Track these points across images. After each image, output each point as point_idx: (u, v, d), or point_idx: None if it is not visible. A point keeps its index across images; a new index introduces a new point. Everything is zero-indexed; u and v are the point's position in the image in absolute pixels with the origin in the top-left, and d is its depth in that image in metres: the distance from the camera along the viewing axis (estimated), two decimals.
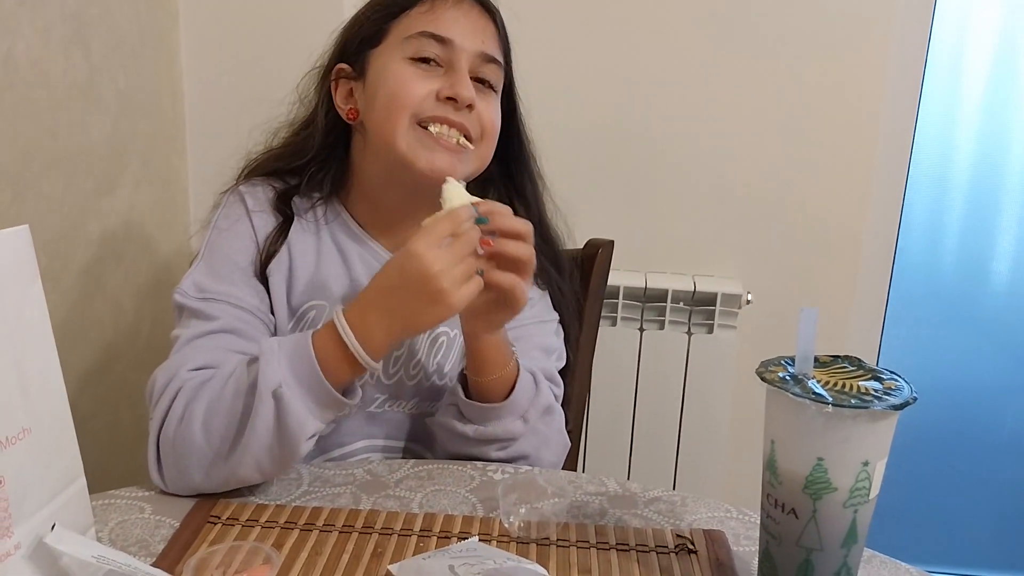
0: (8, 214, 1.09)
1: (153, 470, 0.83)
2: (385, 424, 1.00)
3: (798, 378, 0.69)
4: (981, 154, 1.95)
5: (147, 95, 1.42)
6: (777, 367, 0.71)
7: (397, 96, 0.92)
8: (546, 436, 0.96)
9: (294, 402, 0.79)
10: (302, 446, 0.80)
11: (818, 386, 0.68)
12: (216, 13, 1.50)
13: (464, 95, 0.92)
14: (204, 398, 0.82)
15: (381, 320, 0.81)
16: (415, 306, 0.80)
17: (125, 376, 1.39)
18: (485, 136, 0.96)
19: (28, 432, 0.61)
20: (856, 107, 1.60)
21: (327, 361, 0.80)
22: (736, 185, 1.65)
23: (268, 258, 0.96)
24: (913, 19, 1.58)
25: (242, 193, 0.98)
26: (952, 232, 2.03)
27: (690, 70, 1.61)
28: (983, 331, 2.08)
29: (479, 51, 0.94)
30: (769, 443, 0.69)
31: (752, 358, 1.65)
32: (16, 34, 1.09)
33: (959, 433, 2.08)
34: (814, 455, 0.66)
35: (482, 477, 0.89)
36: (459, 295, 0.80)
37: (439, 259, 0.79)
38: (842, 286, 1.69)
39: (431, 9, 0.95)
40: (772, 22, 1.58)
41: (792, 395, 0.65)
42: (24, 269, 0.61)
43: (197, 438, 0.80)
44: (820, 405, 0.65)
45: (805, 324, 0.70)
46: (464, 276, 0.80)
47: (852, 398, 0.66)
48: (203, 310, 0.90)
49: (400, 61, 0.94)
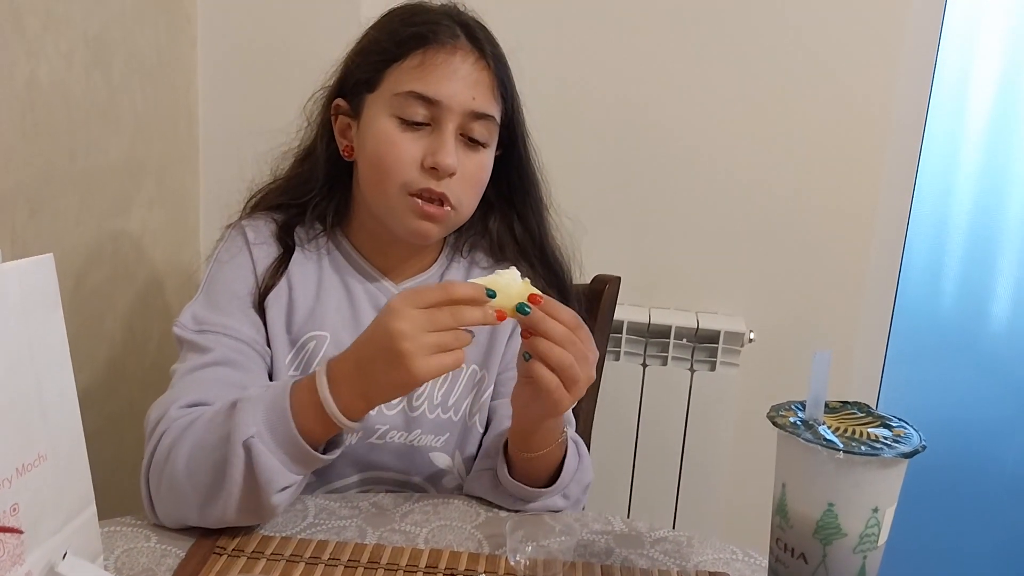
0: (25, 232, 1.10)
1: (146, 505, 0.83)
2: (388, 455, 0.99)
3: (809, 423, 0.69)
4: (980, 196, 1.97)
5: (163, 117, 1.44)
6: (788, 412, 0.71)
7: (384, 160, 0.93)
8: (578, 501, 0.95)
9: (264, 454, 0.77)
10: (272, 498, 0.78)
11: (829, 432, 0.68)
12: (233, 39, 1.52)
13: (444, 165, 0.91)
14: (188, 441, 0.81)
15: (353, 378, 0.77)
16: (378, 366, 0.75)
17: (131, 395, 1.39)
18: (467, 195, 0.96)
19: (44, 459, 0.61)
20: (859, 148, 1.62)
21: (303, 415, 0.78)
22: (741, 223, 1.66)
23: (266, 290, 0.96)
24: (915, 65, 1.60)
25: (243, 227, 0.99)
26: (952, 272, 2.05)
27: (699, 109, 1.63)
28: (983, 371, 2.08)
29: (468, 110, 0.93)
30: (780, 486, 0.70)
31: (754, 396, 1.67)
32: (40, 57, 1.11)
33: (959, 472, 2.08)
34: (825, 500, 0.66)
35: (488, 513, 0.89)
36: (422, 364, 0.73)
37: (409, 319, 0.73)
38: (844, 326, 1.69)
39: (422, 63, 0.92)
40: (778, 72, 1.60)
41: (804, 440, 0.66)
42: (47, 296, 0.62)
43: (182, 482, 0.80)
44: (831, 451, 0.65)
45: (818, 367, 0.70)
46: (435, 346, 0.74)
47: (862, 445, 0.66)
48: (199, 342, 0.91)
49: (388, 119, 0.93)
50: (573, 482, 0.92)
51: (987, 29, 1.85)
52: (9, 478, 0.57)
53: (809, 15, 1.58)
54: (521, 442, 0.88)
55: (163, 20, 1.41)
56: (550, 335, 0.77)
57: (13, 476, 0.58)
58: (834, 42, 1.58)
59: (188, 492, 0.79)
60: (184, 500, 0.80)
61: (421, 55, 0.93)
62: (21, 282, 0.59)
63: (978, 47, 1.85)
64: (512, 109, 0.99)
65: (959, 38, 1.78)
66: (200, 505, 0.79)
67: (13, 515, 0.58)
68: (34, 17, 1.09)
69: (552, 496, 0.90)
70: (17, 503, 0.58)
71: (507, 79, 0.98)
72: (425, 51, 0.93)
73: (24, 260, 0.60)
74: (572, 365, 0.78)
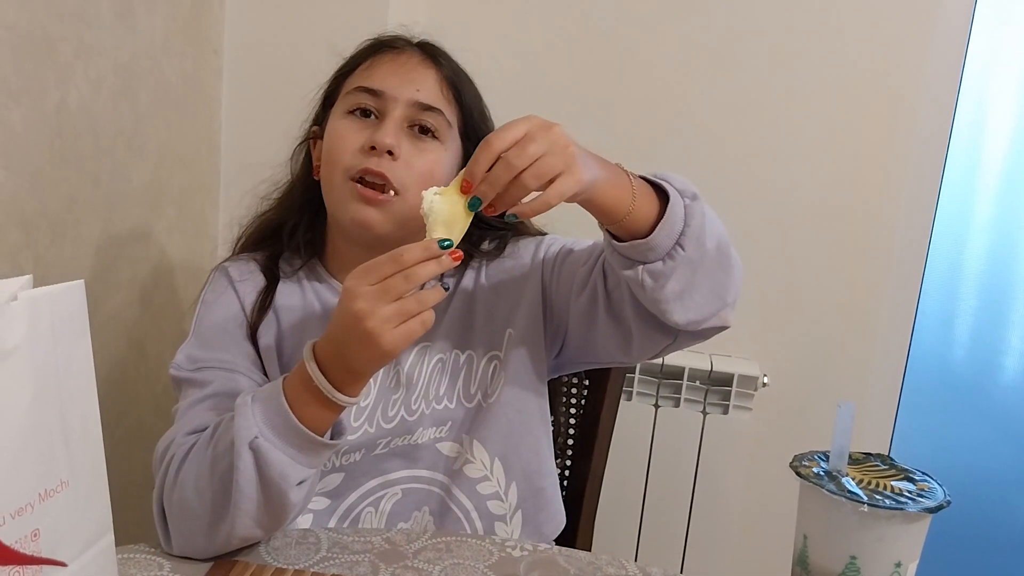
0: (46, 256, 1.11)
1: (161, 536, 0.83)
2: (395, 459, 1.00)
3: (832, 474, 0.69)
4: (994, 247, 1.97)
5: (187, 146, 1.46)
6: (811, 462, 0.71)
7: (331, 151, 0.95)
8: (707, 217, 0.83)
9: (272, 452, 0.77)
10: (291, 494, 0.78)
11: (852, 484, 0.68)
12: (258, 72, 1.54)
13: (381, 141, 0.91)
14: (192, 462, 0.81)
15: (336, 359, 0.77)
16: (352, 347, 0.75)
17: (142, 420, 1.39)
18: (414, 183, 0.92)
19: (66, 485, 0.61)
20: (876, 198, 1.62)
21: (300, 403, 0.78)
22: (756, 267, 1.66)
23: (256, 322, 0.97)
24: (932, 118, 1.61)
25: (226, 267, 1.02)
26: (964, 324, 2.04)
27: (717, 158, 1.64)
28: (995, 423, 2.07)
29: (412, 100, 0.94)
30: (801, 538, 0.69)
31: (766, 441, 1.66)
32: (70, 84, 1.13)
33: (972, 525, 2.05)
34: (847, 553, 0.66)
35: (501, 553, 0.89)
36: (390, 337, 0.73)
37: (364, 297, 0.73)
38: (858, 374, 1.68)
39: (371, 65, 0.98)
40: (794, 121, 1.61)
41: (827, 492, 0.66)
42: (76, 322, 0.62)
43: (191, 502, 0.80)
44: (855, 504, 0.65)
45: (842, 419, 0.70)
46: (396, 316, 0.73)
47: (887, 498, 0.66)
48: (197, 379, 0.92)
49: (341, 117, 0.97)
50: (676, 184, 0.83)
51: (1001, 80, 1.87)
52: (32, 503, 0.57)
53: (814, 75, 1.59)
54: (606, 218, 0.81)
55: (191, 51, 1.43)
56: (504, 185, 0.73)
57: (36, 501, 0.57)
58: (850, 97, 1.59)
59: (199, 512, 0.80)
60: (196, 522, 0.80)
61: (372, 59, 0.99)
62: (52, 308, 0.59)
63: (994, 99, 1.87)
64: (471, 118, 1.00)
65: (975, 91, 1.80)
66: (211, 524, 0.79)
67: (34, 541, 0.57)
68: (66, 44, 1.11)
69: (679, 206, 0.81)
70: (38, 528, 0.58)
71: (460, 85, 0.99)
72: (376, 55, 0.99)
73: (56, 286, 0.60)
74: (536, 176, 0.73)
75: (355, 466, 0.99)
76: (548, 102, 1.63)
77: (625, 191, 0.80)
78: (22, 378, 0.56)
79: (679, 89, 1.63)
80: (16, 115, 1.03)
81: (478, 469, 1.01)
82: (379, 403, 0.98)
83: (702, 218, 0.82)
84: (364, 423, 0.98)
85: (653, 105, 1.64)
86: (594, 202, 0.80)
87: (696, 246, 0.82)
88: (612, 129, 1.64)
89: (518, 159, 0.72)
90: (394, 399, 0.99)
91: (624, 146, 1.66)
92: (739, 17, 1.60)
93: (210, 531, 0.80)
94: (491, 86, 1.04)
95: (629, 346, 0.93)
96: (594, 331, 0.95)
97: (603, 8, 1.63)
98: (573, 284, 0.96)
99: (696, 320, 0.86)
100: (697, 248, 0.82)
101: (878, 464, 0.72)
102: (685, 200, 0.82)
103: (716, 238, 0.84)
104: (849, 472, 0.70)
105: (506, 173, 0.73)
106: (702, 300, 0.85)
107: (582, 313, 0.96)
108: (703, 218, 0.82)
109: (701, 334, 0.90)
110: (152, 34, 1.31)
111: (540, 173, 0.73)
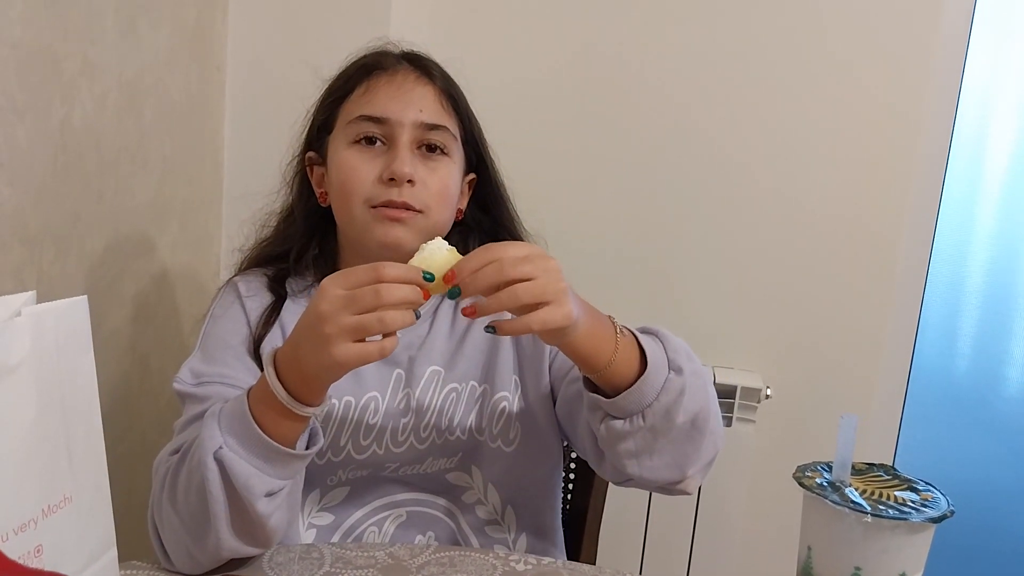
0: (50, 272, 1.11)
1: (159, 554, 0.83)
2: (401, 485, 1.00)
3: (836, 485, 0.69)
4: (996, 259, 1.98)
5: (190, 161, 1.46)
6: (814, 473, 0.71)
7: (346, 184, 0.95)
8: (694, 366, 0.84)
9: (237, 462, 0.76)
10: (258, 505, 0.76)
11: (856, 494, 0.68)
12: (261, 89, 1.55)
13: (399, 172, 0.92)
14: (173, 478, 0.81)
15: (292, 362, 0.75)
16: (306, 349, 0.73)
17: (145, 435, 1.39)
18: (434, 202, 0.95)
19: (69, 500, 0.61)
20: (878, 210, 1.63)
21: (263, 413, 0.77)
22: (760, 278, 1.67)
23: (260, 338, 0.97)
24: (933, 130, 1.62)
25: (236, 282, 1.02)
26: (966, 335, 2.04)
27: (719, 168, 1.64)
28: (998, 434, 2.06)
29: (417, 121, 0.95)
30: (805, 549, 0.69)
31: (770, 453, 1.66)
32: (74, 100, 1.13)
33: (973, 537, 2.04)
34: (852, 564, 0.66)
35: (504, 567, 0.88)
36: (343, 350, 0.71)
37: (331, 300, 0.71)
38: (861, 386, 1.68)
39: (367, 90, 0.98)
40: (797, 132, 1.62)
41: (831, 503, 0.65)
42: (79, 338, 0.63)
43: (175, 520, 0.80)
44: (859, 514, 0.65)
45: (845, 430, 0.70)
46: (354, 330, 0.70)
47: (890, 508, 0.66)
48: (198, 394, 0.92)
49: (346, 147, 0.96)
50: (673, 354, 0.83)
51: (1002, 95, 1.88)
52: (35, 519, 0.57)
53: (816, 93, 1.60)
54: (585, 366, 0.81)
55: (194, 68, 1.44)
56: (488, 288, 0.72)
57: (39, 517, 0.57)
58: (852, 113, 1.60)
59: (180, 529, 0.80)
60: (184, 538, 0.80)
61: (366, 83, 0.98)
62: (55, 324, 0.60)
63: (994, 113, 1.88)
64: (469, 125, 1.02)
65: (976, 106, 1.81)
66: (196, 539, 0.79)
67: (37, 556, 0.57)
68: (71, 61, 1.12)
69: (659, 376, 0.80)
70: (41, 544, 0.58)
71: (456, 95, 1.01)
72: (369, 79, 0.98)
73: (59, 302, 0.61)
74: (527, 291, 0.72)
75: (361, 483, 0.99)
76: (551, 109, 1.65)
77: (607, 343, 0.80)
78: (26, 394, 0.57)
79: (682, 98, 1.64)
80: (20, 131, 1.04)
81: (488, 511, 1.02)
82: (387, 424, 0.98)
83: (678, 394, 0.81)
84: (372, 443, 0.98)
85: (655, 116, 1.64)
86: (573, 346, 0.79)
87: (662, 419, 0.81)
88: (618, 138, 1.65)
89: (512, 269, 0.72)
90: (404, 423, 0.98)
91: (630, 157, 1.68)
92: (743, 35, 1.60)
93: (197, 546, 0.79)
94: (493, 93, 1.05)
95: (601, 463, 0.92)
96: (576, 424, 0.96)
97: (609, 14, 1.64)
98: (565, 370, 0.98)
99: (651, 480, 0.86)
100: (663, 420, 0.81)
101: (881, 474, 0.72)
102: (669, 373, 0.82)
103: (692, 413, 0.82)
104: (852, 483, 0.70)
105: (496, 276, 0.72)
106: (661, 465, 0.84)
107: (570, 399, 0.97)
108: (679, 394, 0.81)
109: (664, 489, 0.89)
110: (156, 51, 1.32)
111: (529, 291, 0.72)
